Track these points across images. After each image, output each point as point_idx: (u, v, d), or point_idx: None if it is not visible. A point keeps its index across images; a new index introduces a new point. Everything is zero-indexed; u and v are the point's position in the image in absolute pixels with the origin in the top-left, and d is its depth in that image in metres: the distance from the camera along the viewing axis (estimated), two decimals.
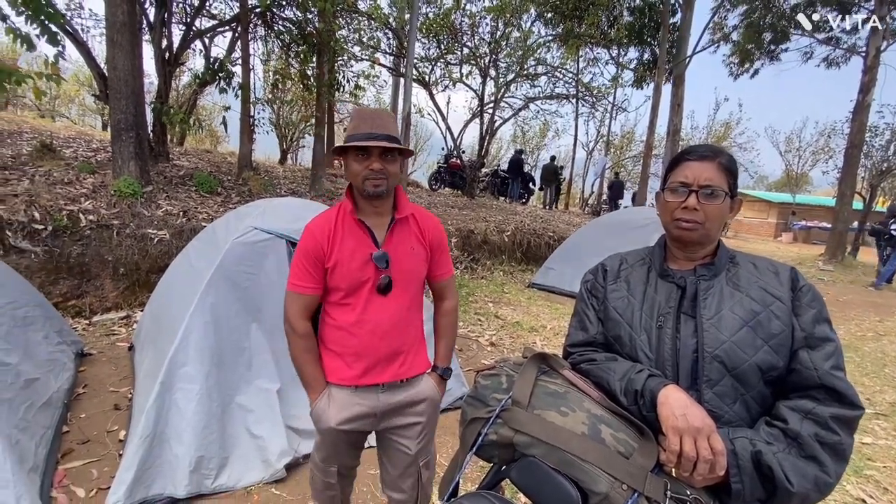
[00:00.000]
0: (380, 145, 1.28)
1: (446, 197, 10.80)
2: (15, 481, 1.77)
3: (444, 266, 1.53)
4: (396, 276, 1.38)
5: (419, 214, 1.47)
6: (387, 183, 1.32)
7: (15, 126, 7.34)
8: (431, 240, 1.46)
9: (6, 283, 2.66)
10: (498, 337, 4.41)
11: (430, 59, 9.82)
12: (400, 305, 1.40)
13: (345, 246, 1.36)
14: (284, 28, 6.88)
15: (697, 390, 0.97)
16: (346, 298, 1.37)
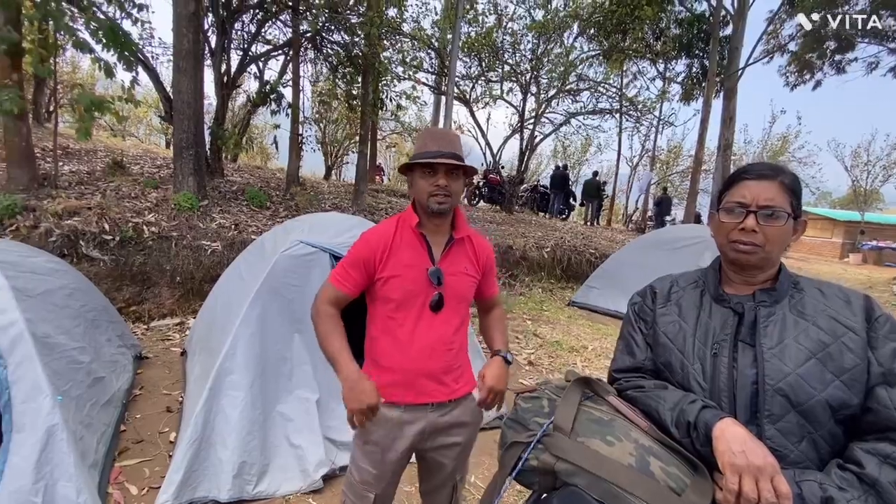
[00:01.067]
0: (447, 162, 1.31)
1: (484, 212, 10.80)
2: (77, 475, 1.89)
3: (492, 287, 1.58)
4: (449, 295, 1.39)
5: (475, 238, 1.49)
6: (450, 200, 1.34)
7: (91, 145, 8.04)
8: (484, 264, 1.49)
9: (80, 288, 2.89)
10: (536, 356, 4.31)
11: (471, 76, 9.96)
12: (450, 324, 1.40)
13: (402, 256, 1.38)
14: (332, 51, 7.21)
15: (758, 425, 0.91)
16: (398, 312, 1.38)
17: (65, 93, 9.76)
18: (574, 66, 10.21)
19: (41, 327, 2.13)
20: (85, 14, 4.89)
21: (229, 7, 6.19)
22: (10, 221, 4.09)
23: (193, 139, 5.23)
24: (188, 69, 5.09)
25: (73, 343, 2.34)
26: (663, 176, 20.82)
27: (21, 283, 2.24)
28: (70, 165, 6.24)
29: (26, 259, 2.54)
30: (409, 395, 1.37)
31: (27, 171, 4.74)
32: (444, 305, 1.38)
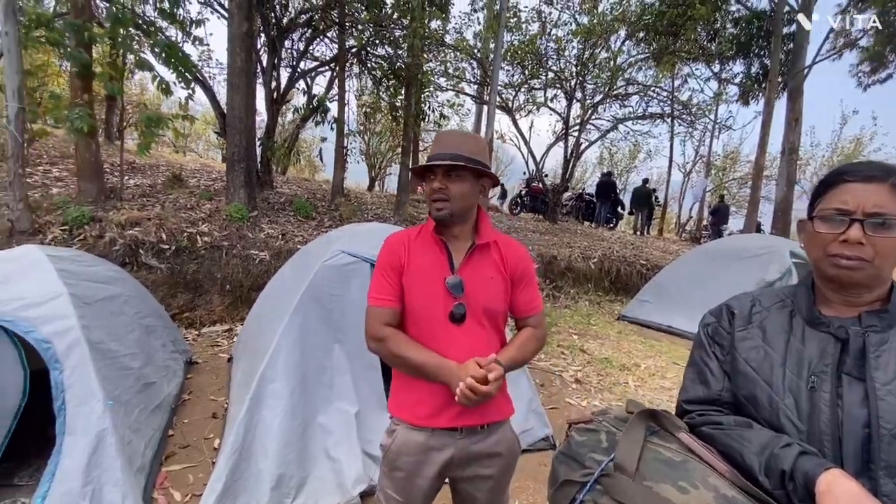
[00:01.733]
0: (441, 164, 1.24)
1: (527, 221, 10.58)
2: (123, 480, 1.93)
3: (530, 300, 1.38)
4: (472, 306, 1.28)
5: (502, 242, 1.37)
6: (449, 206, 1.25)
7: (154, 160, 8.62)
8: (514, 270, 1.34)
9: (136, 295, 3.02)
10: (584, 373, 4.08)
11: (513, 84, 9.86)
12: (476, 340, 1.28)
13: (421, 261, 1.31)
14: (376, 64, 7.35)
15: (871, 478, 0.74)
16: (419, 324, 1.30)
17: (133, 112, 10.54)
18: (621, 71, 9.86)
19: (95, 333, 2.22)
20: (150, 38, 5.26)
21: (280, 26, 6.46)
22: (78, 231, 4.39)
23: (244, 153, 5.45)
24: (240, 86, 5.33)
25: (125, 349, 2.42)
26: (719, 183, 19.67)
27: (80, 290, 2.35)
28: (135, 179, 6.68)
29: (88, 268, 2.68)
30: (436, 418, 1.26)
31: (96, 184, 5.10)
32: (466, 317, 1.28)
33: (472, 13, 9.38)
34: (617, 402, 3.57)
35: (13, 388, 2.04)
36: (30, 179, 5.86)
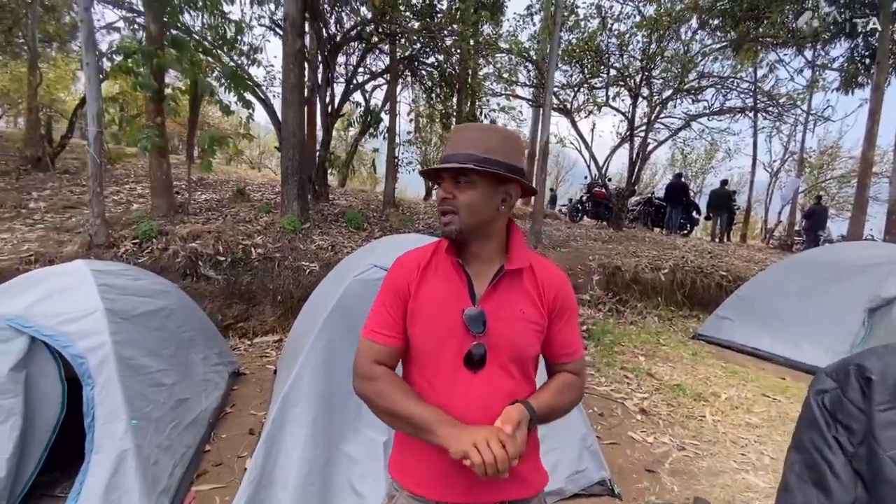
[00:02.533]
0: (447, 168, 1.00)
1: (588, 228, 9.95)
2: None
3: (569, 342, 1.10)
4: (495, 347, 1.01)
5: (540, 266, 1.09)
6: (458, 219, 1.00)
7: (225, 176, 9.19)
8: (552, 302, 1.07)
9: (179, 308, 3.07)
10: (651, 402, 3.59)
11: (571, 85, 9.36)
12: (496, 391, 1.00)
13: (433, 289, 1.05)
14: (427, 73, 7.29)
15: None
16: (426, 367, 1.04)
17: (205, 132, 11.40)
18: (694, 63, 9.01)
19: (128, 350, 2.22)
20: (217, 62, 5.57)
21: (333, 41, 6.59)
22: (147, 244, 4.66)
23: (298, 166, 5.56)
24: (294, 102, 5.46)
25: (158, 365, 2.41)
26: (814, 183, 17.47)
27: (119, 305, 2.38)
28: (206, 194, 7.11)
29: (133, 282, 2.74)
30: (441, 490, 0.99)
31: (166, 200, 5.44)
32: (486, 362, 1.00)
33: (528, 16, 9.09)
34: (692, 440, 3.06)
35: (53, 401, 2.08)
36: (116, 197, 6.44)
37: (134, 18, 5.80)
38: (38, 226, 5.01)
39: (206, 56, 6.06)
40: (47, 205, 5.65)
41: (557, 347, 1.09)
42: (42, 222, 5.13)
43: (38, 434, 2.02)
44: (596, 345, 4.86)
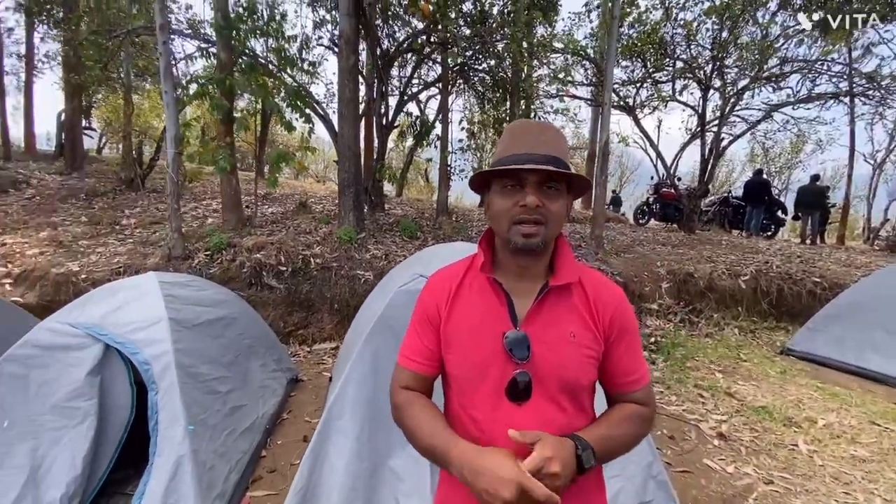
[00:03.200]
0: (541, 168, 0.85)
1: (656, 231, 9.31)
2: None
3: (632, 369, 0.96)
4: (542, 375, 0.89)
5: (591, 281, 0.96)
6: (545, 231, 0.88)
7: (291, 190, 9.71)
8: (608, 322, 0.93)
9: (240, 316, 3.21)
10: (731, 425, 3.20)
11: (633, 81, 8.85)
12: (545, 426, 0.87)
13: (467, 312, 0.95)
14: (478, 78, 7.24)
15: None
16: (465, 396, 0.94)
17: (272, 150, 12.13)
18: (774, 49, 8.16)
19: (187, 357, 2.33)
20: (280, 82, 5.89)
21: (386, 56, 6.75)
22: (217, 256, 4.99)
23: (353, 178, 5.71)
24: (349, 116, 5.63)
25: (216, 372, 2.52)
26: None
27: (182, 314, 2.52)
28: (272, 208, 7.53)
29: (197, 292, 2.91)
30: None
31: (235, 214, 5.81)
32: (533, 391, 0.88)
33: (585, 13, 8.76)
34: (781, 473, 2.67)
35: (124, 404, 2.23)
36: (194, 212, 7.00)
37: (207, 48, 6.31)
38: (128, 240, 5.56)
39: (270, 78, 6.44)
40: (136, 221, 6.27)
41: (617, 375, 0.95)
42: (131, 237, 5.69)
43: (110, 434, 2.17)
44: (665, 359, 4.47)
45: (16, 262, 4.64)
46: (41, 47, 10.47)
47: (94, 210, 6.71)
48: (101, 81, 8.28)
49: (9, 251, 4.91)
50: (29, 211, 6.47)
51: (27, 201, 6.86)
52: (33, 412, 2.04)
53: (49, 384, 2.10)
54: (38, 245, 5.12)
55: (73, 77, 7.33)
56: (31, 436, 1.99)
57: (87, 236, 5.61)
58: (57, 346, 2.15)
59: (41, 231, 5.61)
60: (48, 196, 7.15)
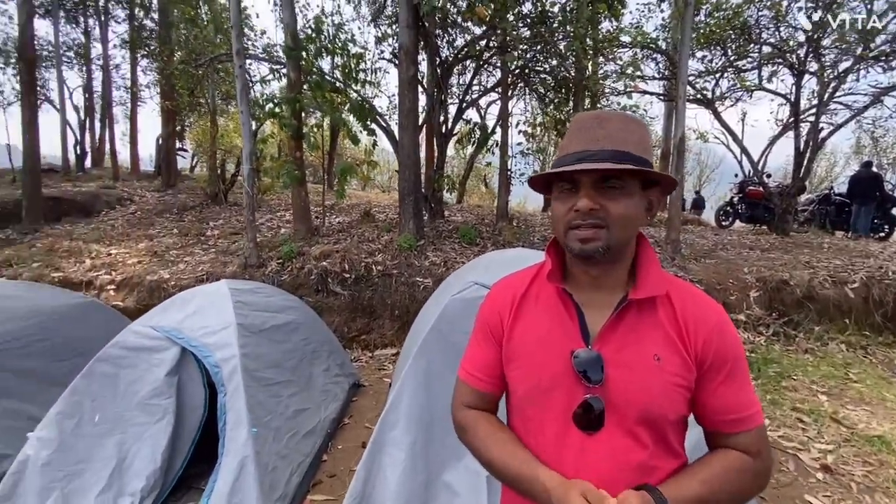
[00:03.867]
0: (593, 167, 0.74)
1: (742, 234, 8.46)
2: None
3: (734, 405, 0.79)
4: (617, 403, 0.77)
5: (682, 296, 0.82)
6: (606, 235, 0.76)
7: (357, 200, 10.08)
8: (703, 347, 0.78)
9: (304, 322, 3.33)
10: (839, 457, 2.75)
11: (712, 71, 8.14)
12: (619, 462, 0.77)
13: (532, 326, 0.86)
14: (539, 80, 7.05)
15: None
16: (526, 422, 0.85)
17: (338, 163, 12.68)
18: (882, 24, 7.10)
19: (253, 361, 2.43)
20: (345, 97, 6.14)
21: (445, 64, 6.79)
22: (288, 264, 5.27)
23: (413, 187, 5.78)
24: (408, 126, 5.72)
25: (280, 377, 2.61)
26: None
27: (250, 320, 2.65)
28: (339, 218, 7.86)
29: (265, 298, 3.05)
30: None
31: (304, 224, 6.12)
32: (606, 420, 0.77)
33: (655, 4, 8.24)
34: None
35: (198, 404, 2.37)
36: (270, 223, 7.48)
37: (279, 69, 6.75)
38: (211, 250, 6.05)
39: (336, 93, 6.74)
40: (219, 232, 6.82)
41: (716, 411, 0.79)
42: (214, 247, 6.19)
43: (186, 432, 2.32)
44: (756, 377, 3.99)
45: (118, 271, 5.22)
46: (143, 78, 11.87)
47: (184, 223, 7.42)
48: (192, 106, 9.20)
49: (113, 260, 5.54)
50: (131, 225, 7.30)
51: (130, 216, 7.75)
52: (121, 408, 2.22)
53: (135, 383, 2.28)
54: (136, 255, 5.74)
55: (167, 104, 8.19)
56: (119, 430, 2.18)
57: (177, 247, 6.20)
58: (141, 347, 2.35)
59: (140, 242, 6.29)
60: (147, 211, 8.03)
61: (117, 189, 9.14)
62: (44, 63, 12.06)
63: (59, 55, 11.82)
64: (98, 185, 9.46)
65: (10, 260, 5.54)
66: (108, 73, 12.16)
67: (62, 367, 2.67)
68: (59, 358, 2.79)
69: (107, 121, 12.86)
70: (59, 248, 5.97)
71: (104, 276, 5.15)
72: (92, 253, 5.83)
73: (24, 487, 1.99)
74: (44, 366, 2.73)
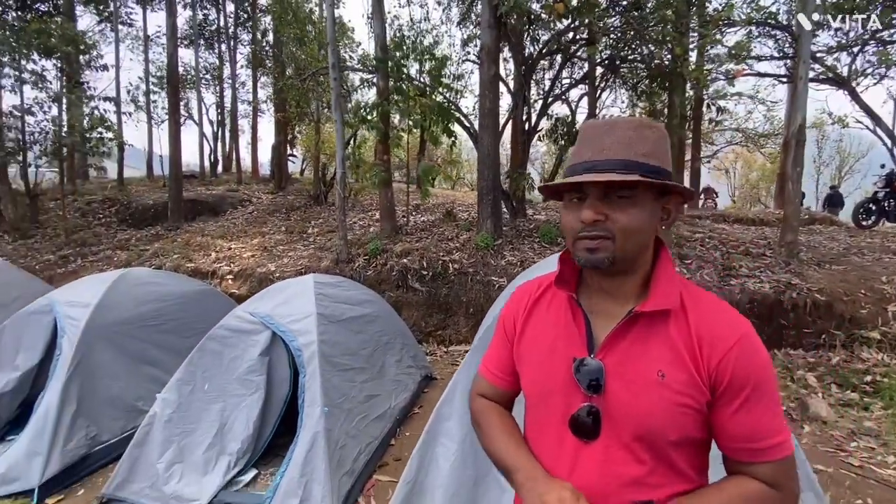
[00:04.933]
0: (596, 178, 0.73)
1: (887, 237, 7.09)
2: (325, 482, 2.22)
3: (756, 432, 0.73)
4: (613, 417, 0.77)
5: (699, 310, 0.78)
6: (612, 245, 0.75)
7: (443, 199, 10.39)
8: (717, 368, 0.73)
9: (381, 315, 3.58)
10: None
11: (845, 45, 6.91)
12: (613, 474, 0.76)
13: (539, 331, 0.88)
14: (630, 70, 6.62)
15: None
16: (532, 423, 0.89)
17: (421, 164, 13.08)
18: None
19: (330, 348, 2.70)
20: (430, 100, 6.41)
21: (529, 61, 6.71)
22: (373, 260, 5.66)
23: (492, 186, 5.83)
24: (488, 125, 5.77)
25: (354, 363, 2.86)
26: None
27: (330, 311, 2.93)
28: (423, 217, 8.19)
29: (345, 292, 3.35)
30: None
31: (389, 223, 6.50)
32: (602, 432, 0.77)
33: None
34: None
35: (284, 382, 2.71)
36: (362, 222, 8.06)
37: (371, 79, 7.24)
38: (311, 246, 6.72)
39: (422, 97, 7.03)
40: (318, 230, 7.53)
41: (734, 438, 0.74)
42: (313, 243, 6.86)
43: (273, 405, 2.66)
44: (886, 405, 3.39)
45: (235, 263, 6.05)
46: (262, 93, 13.46)
47: (290, 221, 8.31)
48: (300, 116, 10.24)
49: (233, 254, 6.43)
50: (248, 223, 8.37)
51: (248, 215, 8.90)
52: (224, 380, 2.63)
53: (235, 360, 2.68)
54: (250, 249, 6.59)
55: (279, 115, 9.22)
56: (221, 399, 2.58)
57: (283, 243, 6.99)
58: (241, 329, 2.74)
59: (254, 238, 7.21)
60: (262, 211, 9.14)
61: (239, 192, 10.53)
62: (187, 85, 14.27)
63: (199, 78, 13.92)
64: (225, 188, 10.99)
65: (157, 252, 6.74)
66: (234, 90, 14.03)
67: (186, 342, 3.21)
68: (185, 335, 3.36)
69: (233, 132, 14.85)
70: (192, 242, 7.10)
71: (224, 267, 6.01)
72: (217, 247, 6.83)
73: (152, 437, 2.46)
74: (173, 340, 3.31)
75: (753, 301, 4.71)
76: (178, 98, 8.72)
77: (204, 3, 13.84)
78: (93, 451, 2.73)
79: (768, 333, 4.48)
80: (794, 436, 0.88)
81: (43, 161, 7.96)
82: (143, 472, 2.42)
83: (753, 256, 5.67)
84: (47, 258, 7.27)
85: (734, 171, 24.02)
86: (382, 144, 6.23)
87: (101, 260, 7.07)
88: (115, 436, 2.83)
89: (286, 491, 2.23)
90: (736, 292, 4.81)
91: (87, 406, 2.76)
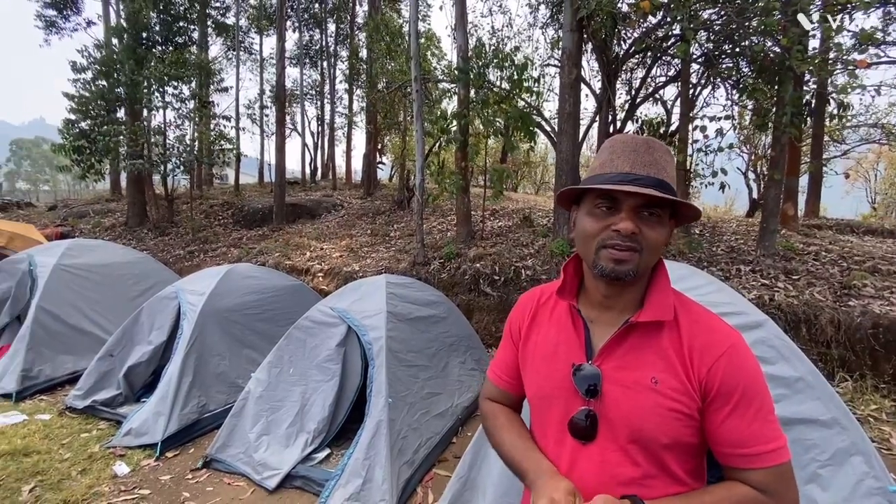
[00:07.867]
0: (642, 192, 0.76)
1: None
2: (386, 466, 2.40)
3: (747, 438, 0.75)
4: (610, 419, 0.81)
5: (691, 322, 0.82)
6: (639, 259, 0.79)
7: (524, 204, 10.33)
8: (709, 376, 0.77)
9: (448, 317, 3.73)
10: None
11: None
12: (609, 474, 0.81)
13: (542, 337, 0.93)
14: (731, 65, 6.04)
15: None
16: (535, 426, 0.94)
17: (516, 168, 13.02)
18: None
19: (397, 344, 2.90)
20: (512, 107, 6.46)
21: (615, 62, 6.45)
22: (448, 263, 5.85)
23: None
24: (567, 130, 5.67)
25: (419, 361, 3.03)
26: None
27: (399, 309, 3.14)
28: (500, 222, 8.23)
29: (415, 293, 3.54)
30: None
31: (465, 228, 6.66)
32: (598, 435, 0.82)
33: None
34: None
35: (356, 371, 2.96)
36: (440, 226, 8.35)
37: (452, 89, 7.48)
38: (392, 248, 7.12)
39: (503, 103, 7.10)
40: (399, 234, 7.95)
41: (725, 444, 0.76)
42: (394, 246, 7.27)
43: (347, 392, 2.92)
44: None
45: (326, 262, 6.63)
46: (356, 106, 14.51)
47: (375, 225, 8.87)
48: (389, 126, 10.89)
49: (324, 254, 7.05)
50: (339, 226, 9.09)
51: (339, 219, 9.66)
52: (306, 366, 2.95)
53: (316, 348, 2.99)
54: (339, 250, 7.17)
55: (369, 126, 9.89)
56: (303, 382, 2.90)
57: (368, 245, 7.49)
58: (322, 322, 3.05)
59: (343, 240, 7.82)
60: (351, 215, 9.86)
61: (333, 197, 11.46)
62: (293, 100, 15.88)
63: (303, 94, 15.41)
64: (322, 193, 12.04)
65: (262, 250, 7.62)
66: (333, 103, 15.32)
67: (279, 330, 3.63)
68: (278, 323, 3.80)
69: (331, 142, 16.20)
70: (291, 242, 7.90)
71: (316, 266, 6.62)
72: (311, 247, 7.54)
73: (246, 410, 2.85)
74: (268, 327, 3.77)
75: (878, 326, 4.04)
76: (284, 113, 9.78)
77: (310, 25, 15.32)
78: (202, 417, 3.22)
79: (894, 364, 3.83)
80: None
81: (179, 170, 9.42)
82: (239, 440, 2.81)
83: (884, 274, 4.86)
84: (178, 252, 8.59)
85: (874, 173, 20.48)
86: (461, 153, 6.42)
87: (218, 255, 8.18)
88: (219, 406, 3.31)
89: (352, 471, 2.45)
90: (855, 315, 4.17)
91: (200, 379, 3.27)
